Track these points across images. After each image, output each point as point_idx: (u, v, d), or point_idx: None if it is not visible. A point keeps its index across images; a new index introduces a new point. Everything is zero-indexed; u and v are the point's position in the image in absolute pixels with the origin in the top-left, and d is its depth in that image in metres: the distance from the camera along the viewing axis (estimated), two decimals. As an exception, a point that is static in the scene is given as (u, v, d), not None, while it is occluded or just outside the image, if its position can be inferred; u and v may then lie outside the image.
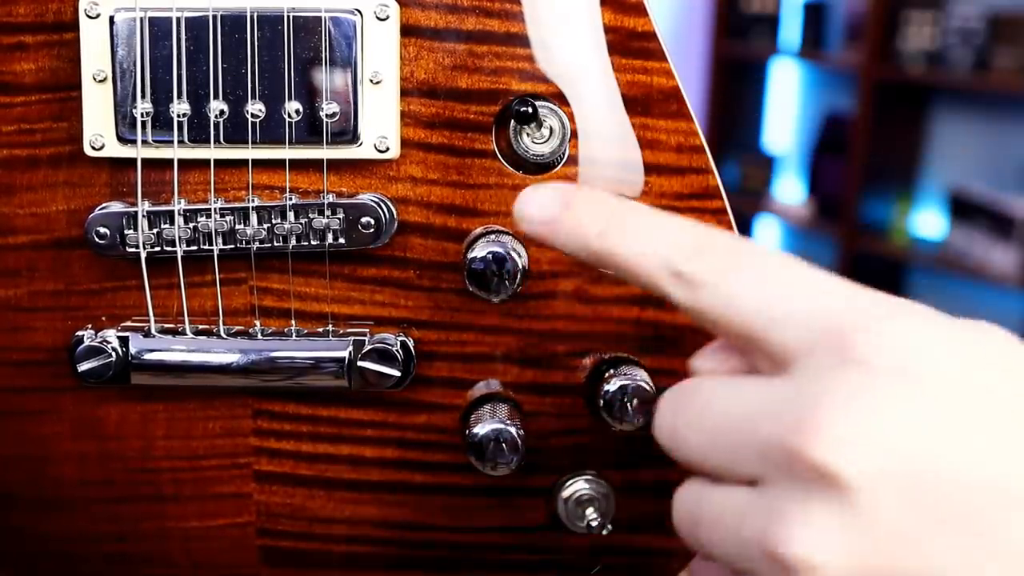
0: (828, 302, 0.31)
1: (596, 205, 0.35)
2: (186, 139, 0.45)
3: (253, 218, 0.46)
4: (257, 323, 0.48)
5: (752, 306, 0.31)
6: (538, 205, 0.36)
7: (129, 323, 0.48)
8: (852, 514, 0.28)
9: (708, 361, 0.35)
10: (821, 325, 0.30)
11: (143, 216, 0.46)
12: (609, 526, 0.48)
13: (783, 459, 0.29)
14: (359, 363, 0.46)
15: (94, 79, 0.45)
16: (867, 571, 0.29)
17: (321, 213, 0.46)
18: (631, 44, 0.46)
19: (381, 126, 0.46)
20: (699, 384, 0.33)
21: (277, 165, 0.46)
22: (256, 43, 0.44)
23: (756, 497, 0.31)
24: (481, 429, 0.46)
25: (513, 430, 0.46)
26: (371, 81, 0.45)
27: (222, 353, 0.47)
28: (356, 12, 0.44)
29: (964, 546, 0.28)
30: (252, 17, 0.44)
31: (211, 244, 0.46)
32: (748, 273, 0.32)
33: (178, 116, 0.45)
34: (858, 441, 0.28)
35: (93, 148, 0.46)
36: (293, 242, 0.46)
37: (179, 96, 0.45)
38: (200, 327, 0.48)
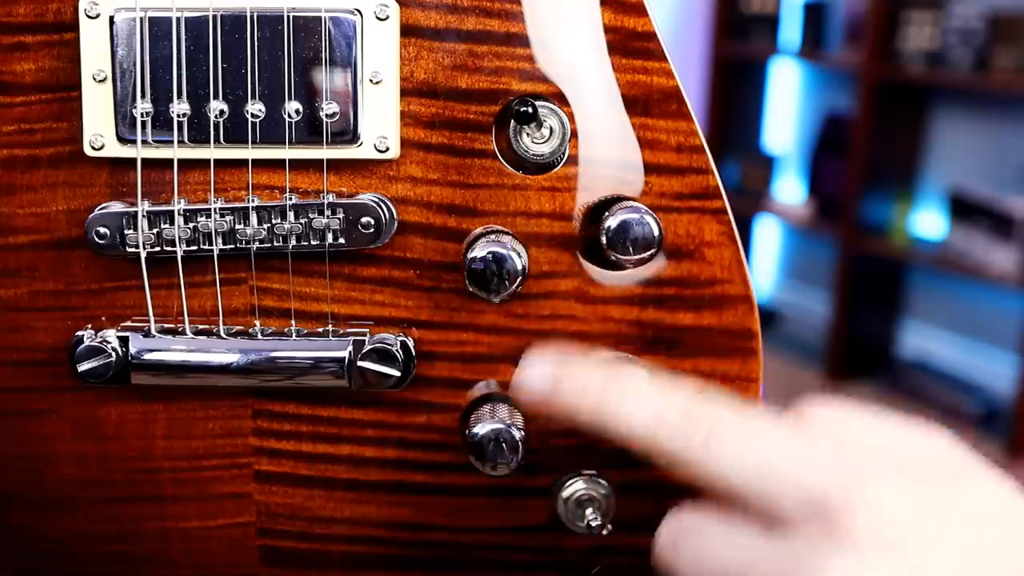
0: (812, 469, 0.33)
1: (588, 381, 0.38)
2: (186, 139, 0.45)
3: (253, 218, 0.46)
4: (257, 323, 0.48)
5: (740, 477, 0.34)
6: (536, 379, 0.39)
7: (129, 323, 0.48)
8: None
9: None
10: (808, 498, 0.32)
11: (143, 216, 0.46)
12: (609, 526, 0.48)
13: None
14: (359, 363, 0.46)
15: (94, 79, 0.45)
16: None
17: (321, 213, 0.46)
18: (631, 44, 0.46)
19: (381, 126, 0.46)
20: (700, 524, 0.36)
21: (277, 165, 0.46)
22: (256, 43, 0.44)
23: None
24: (481, 429, 0.46)
25: (513, 430, 0.46)
26: (371, 81, 0.45)
27: (222, 353, 0.47)
28: (356, 12, 0.44)
29: None
30: (252, 17, 0.44)
31: (211, 244, 0.46)
32: (733, 443, 0.34)
33: (178, 116, 0.45)
34: None
35: (93, 148, 0.46)
36: (293, 242, 0.46)
37: (179, 96, 0.45)
38: (200, 327, 0.48)
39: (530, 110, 0.45)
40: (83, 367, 0.46)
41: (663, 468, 0.36)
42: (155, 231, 0.46)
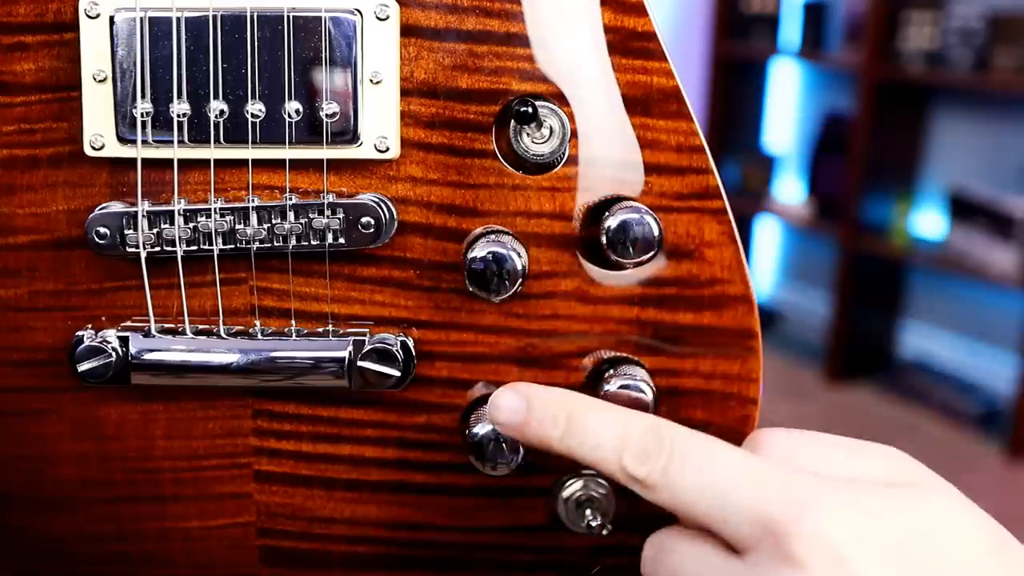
0: (766, 496, 0.35)
1: (552, 410, 0.41)
2: (186, 139, 0.45)
3: (253, 218, 0.46)
4: (257, 323, 0.48)
5: (698, 505, 0.37)
6: (504, 413, 0.42)
7: (129, 323, 0.48)
8: None
9: None
10: (761, 523, 0.35)
11: (143, 216, 0.46)
12: (609, 526, 0.48)
13: None
14: (359, 363, 0.46)
15: (94, 79, 0.45)
16: None
17: (321, 213, 0.46)
18: (631, 44, 0.46)
19: (381, 126, 0.46)
20: (676, 544, 0.39)
21: (277, 165, 0.46)
22: (256, 43, 0.44)
23: None
24: (481, 429, 0.46)
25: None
26: (371, 81, 0.45)
27: (222, 353, 0.47)
28: (356, 12, 0.44)
29: None
30: (252, 17, 0.44)
31: (211, 244, 0.46)
32: (691, 474, 0.37)
33: (178, 116, 0.45)
34: None
35: (93, 148, 0.46)
36: (293, 242, 0.46)
37: (179, 96, 0.45)
38: (200, 327, 0.48)
39: (530, 110, 0.44)
40: (83, 367, 0.46)
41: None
42: (155, 231, 0.46)
